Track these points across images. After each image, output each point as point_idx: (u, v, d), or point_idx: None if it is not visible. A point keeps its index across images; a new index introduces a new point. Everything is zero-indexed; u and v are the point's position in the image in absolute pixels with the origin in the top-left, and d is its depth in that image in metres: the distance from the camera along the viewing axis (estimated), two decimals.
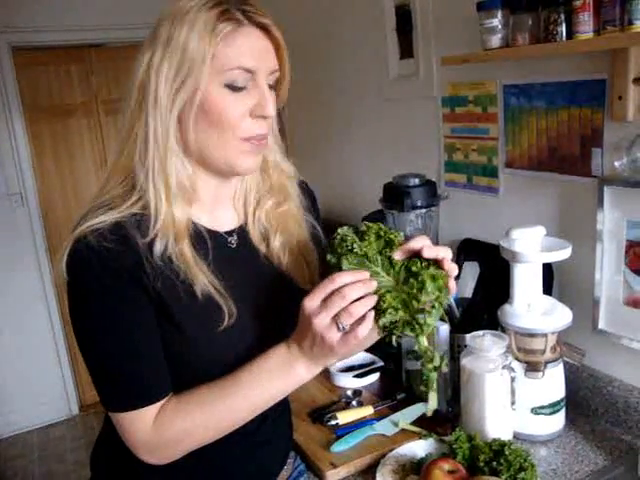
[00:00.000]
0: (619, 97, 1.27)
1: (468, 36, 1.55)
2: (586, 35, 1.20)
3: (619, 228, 1.33)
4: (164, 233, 0.91)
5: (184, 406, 0.94)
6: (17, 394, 3.73)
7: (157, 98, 0.90)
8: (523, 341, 1.33)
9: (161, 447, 0.95)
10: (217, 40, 0.88)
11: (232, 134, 0.92)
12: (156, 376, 0.94)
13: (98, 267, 0.87)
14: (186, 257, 0.93)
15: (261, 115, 0.93)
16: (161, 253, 0.91)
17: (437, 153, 1.90)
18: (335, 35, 2.37)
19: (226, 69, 0.89)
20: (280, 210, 1.09)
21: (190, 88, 0.89)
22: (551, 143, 1.49)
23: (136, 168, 0.93)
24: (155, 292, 0.91)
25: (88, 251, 0.87)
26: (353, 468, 1.29)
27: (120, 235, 0.89)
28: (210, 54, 0.88)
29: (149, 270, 0.89)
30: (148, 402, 0.93)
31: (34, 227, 3.66)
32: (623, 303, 1.36)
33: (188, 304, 0.93)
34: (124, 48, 3.74)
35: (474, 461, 1.16)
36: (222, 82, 0.90)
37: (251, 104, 0.92)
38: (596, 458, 1.26)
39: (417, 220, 1.73)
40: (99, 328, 0.91)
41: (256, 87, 0.92)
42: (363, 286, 0.85)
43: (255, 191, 1.09)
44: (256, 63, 0.91)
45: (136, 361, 0.92)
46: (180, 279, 0.92)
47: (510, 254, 1.32)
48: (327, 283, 0.86)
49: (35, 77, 3.64)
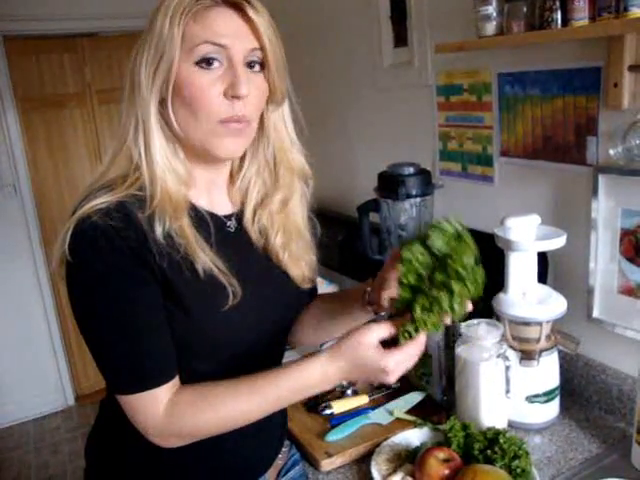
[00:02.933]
0: (614, 84, 1.26)
1: (463, 24, 1.54)
2: (581, 22, 1.19)
3: (614, 216, 1.33)
4: (161, 210, 0.91)
5: (199, 402, 0.94)
6: (12, 385, 3.73)
7: (139, 83, 0.91)
8: (518, 330, 1.33)
9: (171, 435, 0.95)
10: (186, 20, 0.88)
11: (207, 116, 0.91)
12: (164, 357, 0.94)
13: (105, 245, 0.87)
14: (186, 233, 0.92)
15: (234, 95, 0.91)
16: (162, 231, 0.91)
17: (432, 142, 1.89)
18: (328, 23, 2.35)
19: (196, 45, 0.89)
20: (284, 212, 1.08)
21: (164, 69, 0.90)
22: (546, 131, 1.48)
23: (131, 151, 0.94)
24: (160, 271, 0.90)
25: (94, 230, 0.87)
26: (348, 457, 1.29)
27: (124, 214, 0.89)
28: (179, 33, 0.88)
29: (154, 249, 0.89)
30: (157, 383, 0.92)
31: (28, 218, 3.64)
32: (617, 292, 1.36)
33: (193, 283, 0.92)
34: (117, 38, 3.72)
35: (469, 449, 1.16)
36: (193, 61, 0.90)
37: (225, 84, 0.91)
38: (590, 445, 1.27)
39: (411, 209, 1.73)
40: (105, 307, 0.90)
41: (231, 67, 0.91)
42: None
43: (259, 187, 1.08)
44: (228, 40, 0.90)
45: (145, 341, 0.92)
46: (183, 257, 0.91)
47: (505, 243, 1.32)
48: (414, 351, 0.93)
49: (27, 67, 3.62)
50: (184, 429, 0.94)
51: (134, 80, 0.92)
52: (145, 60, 0.90)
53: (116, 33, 3.70)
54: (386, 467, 1.21)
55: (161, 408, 0.92)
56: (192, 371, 0.99)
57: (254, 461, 1.13)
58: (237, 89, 0.91)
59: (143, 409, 0.93)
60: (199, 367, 1.00)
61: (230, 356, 1.01)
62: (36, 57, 3.64)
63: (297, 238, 1.10)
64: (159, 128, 0.93)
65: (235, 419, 0.95)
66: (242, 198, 1.08)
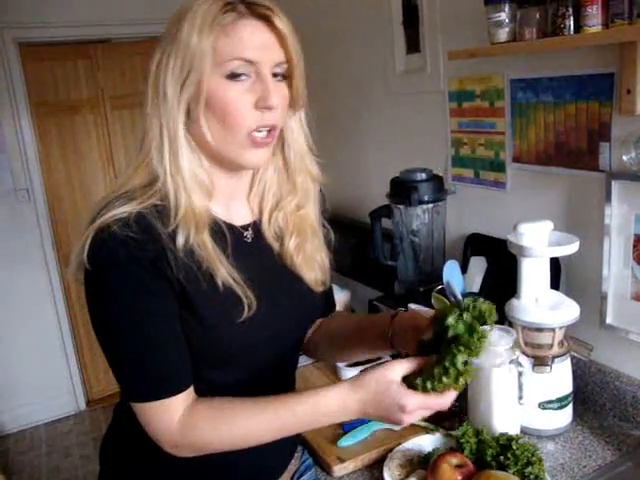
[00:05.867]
0: (627, 91, 1.26)
1: (475, 30, 1.55)
2: (594, 28, 1.19)
3: (627, 222, 1.33)
4: (185, 223, 0.92)
5: (215, 418, 0.95)
6: (24, 389, 3.74)
7: (165, 94, 0.91)
8: (531, 335, 1.32)
9: (183, 446, 0.95)
10: (216, 33, 0.89)
11: (237, 127, 0.92)
12: (179, 367, 0.95)
13: (124, 256, 0.88)
14: (207, 248, 0.93)
15: (265, 106, 0.92)
16: (183, 244, 0.91)
17: (444, 148, 1.89)
18: (341, 29, 2.36)
19: (226, 60, 0.90)
20: (299, 214, 1.09)
21: (194, 82, 0.90)
22: (559, 137, 1.48)
23: (154, 161, 0.94)
24: (178, 282, 0.91)
25: (113, 240, 0.88)
26: (360, 462, 1.29)
27: (144, 225, 0.89)
28: (209, 46, 0.88)
29: (172, 261, 0.90)
30: (170, 393, 0.93)
31: (40, 222, 3.66)
32: (631, 298, 1.35)
33: (209, 295, 0.94)
34: (130, 44, 3.75)
35: (482, 455, 1.16)
36: (223, 74, 0.90)
37: (255, 96, 0.92)
38: (604, 453, 1.26)
39: (424, 215, 1.73)
40: (122, 317, 0.91)
41: (260, 79, 0.92)
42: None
43: (274, 190, 1.08)
44: (257, 54, 0.91)
45: (159, 351, 0.93)
46: (201, 270, 0.92)
47: (517, 248, 1.32)
48: (435, 405, 0.92)
49: (42, 73, 3.64)
50: (197, 443, 0.95)
51: (158, 90, 0.92)
52: (171, 71, 0.90)
53: (129, 39, 3.72)
54: (398, 473, 1.21)
55: (175, 418, 0.93)
56: (208, 381, 1.00)
57: (267, 466, 1.14)
58: (268, 101, 0.92)
59: (156, 418, 0.94)
60: (215, 377, 1.01)
61: (245, 365, 1.02)
62: (50, 63, 3.66)
63: (312, 237, 1.10)
64: (185, 139, 0.94)
65: (248, 439, 0.96)
66: (260, 202, 1.09)
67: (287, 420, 0.94)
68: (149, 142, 0.94)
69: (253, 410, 0.94)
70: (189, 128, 0.94)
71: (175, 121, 0.92)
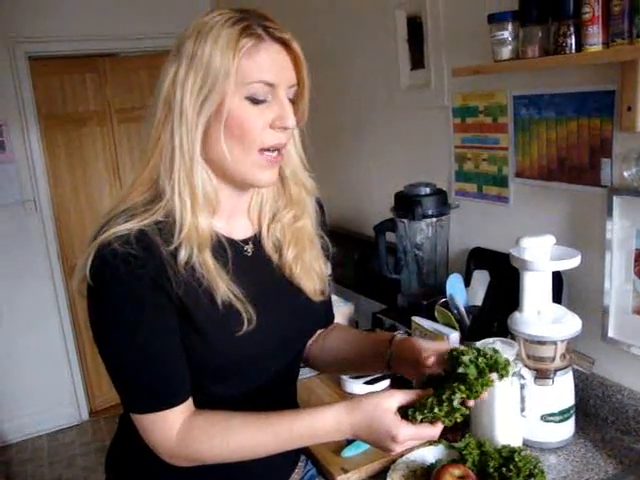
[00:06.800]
0: (628, 108, 1.28)
1: (479, 47, 1.57)
2: (595, 47, 1.22)
3: (628, 237, 1.35)
4: (188, 242, 0.93)
5: (212, 431, 0.96)
6: (27, 399, 3.75)
7: (183, 111, 0.92)
8: (533, 349, 1.34)
9: (180, 457, 0.97)
10: (240, 55, 0.90)
11: (253, 145, 0.95)
12: (178, 380, 0.97)
13: (124, 273, 0.90)
14: (208, 266, 0.95)
15: (282, 126, 0.95)
16: (185, 261, 0.93)
17: (448, 163, 1.91)
18: (346, 45, 2.39)
19: (248, 82, 0.92)
20: (296, 225, 1.11)
21: (214, 102, 0.91)
22: (561, 153, 1.50)
23: (161, 179, 0.95)
24: (177, 298, 0.93)
25: (114, 257, 0.89)
26: (364, 473, 1.30)
27: (145, 242, 0.91)
28: (233, 69, 0.90)
29: (172, 277, 0.92)
30: (169, 405, 0.95)
31: (47, 233, 3.69)
32: (632, 312, 1.36)
33: (209, 311, 0.95)
34: (137, 58, 3.80)
35: (484, 467, 1.16)
36: (243, 95, 0.92)
37: (272, 116, 0.95)
38: (606, 466, 1.27)
39: (428, 229, 1.75)
40: (122, 332, 0.93)
41: (277, 100, 0.95)
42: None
43: (271, 203, 1.11)
44: (276, 77, 0.94)
45: (158, 365, 0.95)
46: (202, 287, 0.94)
47: (520, 262, 1.34)
48: (426, 436, 0.93)
49: (50, 86, 3.68)
50: (194, 454, 0.97)
51: (172, 107, 0.93)
52: (190, 89, 0.91)
53: (136, 53, 3.78)
54: None
55: (173, 430, 0.95)
56: (209, 393, 1.01)
57: (270, 476, 1.15)
58: (285, 122, 0.95)
59: (155, 429, 0.96)
60: (215, 389, 1.02)
61: (246, 378, 1.04)
62: (59, 76, 3.71)
63: (310, 247, 1.12)
64: (200, 157, 0.95)
65: (244, 453, 0.98)
66: (258, 216, 1.11)
67: (283, 437, 0.96)
68: (157, 158, 0.95)
69: (250, 425, 0.96)
70: (203, 146, 0.95)
71: (193, 140, 0.93)
